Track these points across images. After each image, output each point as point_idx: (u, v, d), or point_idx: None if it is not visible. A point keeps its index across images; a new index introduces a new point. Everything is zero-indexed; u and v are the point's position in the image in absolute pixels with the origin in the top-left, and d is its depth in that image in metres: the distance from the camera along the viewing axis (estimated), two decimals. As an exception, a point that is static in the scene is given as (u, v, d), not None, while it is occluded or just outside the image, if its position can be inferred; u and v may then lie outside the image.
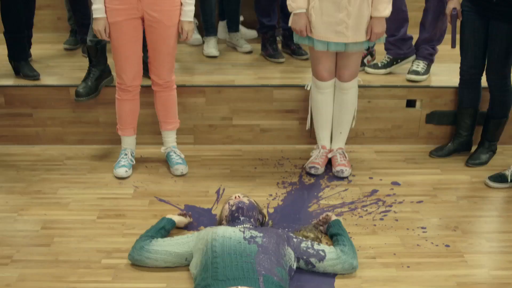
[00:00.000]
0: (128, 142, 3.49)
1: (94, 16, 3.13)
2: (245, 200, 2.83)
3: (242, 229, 2.58)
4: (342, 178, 3.46)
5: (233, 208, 2.78)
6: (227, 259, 2.40)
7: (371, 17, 3.12)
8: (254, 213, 2.79)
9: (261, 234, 2.56)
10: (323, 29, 3.12)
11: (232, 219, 2.74)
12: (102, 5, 3.10)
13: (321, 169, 3.50)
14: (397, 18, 3.73)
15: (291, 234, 2.70)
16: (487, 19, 3.25)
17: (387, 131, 3.82)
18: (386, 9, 3.10)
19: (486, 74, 3.42)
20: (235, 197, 2.86)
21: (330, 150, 3.54)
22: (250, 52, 4.28)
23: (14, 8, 3.60)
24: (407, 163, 3.65)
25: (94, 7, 3.11)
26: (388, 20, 3.26)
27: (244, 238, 2.51)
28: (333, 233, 2.84)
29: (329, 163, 3.55)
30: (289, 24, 3.22)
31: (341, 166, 3.48)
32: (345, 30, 3.10)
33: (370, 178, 3.47)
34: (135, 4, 3.09)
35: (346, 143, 3.57)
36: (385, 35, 3.28)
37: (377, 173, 3.52)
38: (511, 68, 3.35)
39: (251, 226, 2.66)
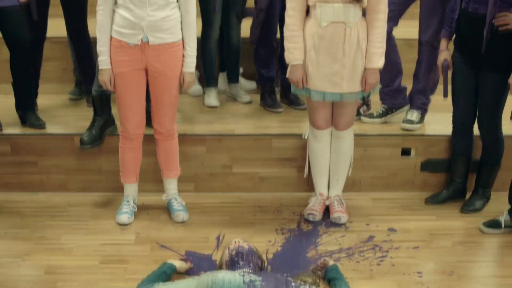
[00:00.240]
0: (130, 189, 3.57)
1: (100, 67, 3.26)
2: (245, 245, 2.89)
3: (242, 274, 2.64)
4: (340, 225, 3.53)
5: (233, 253, 2.84)
6: (227, 302, 2.46)
7: (365, 69, 3.24)
8: (254, 258, 2.85)
9: (260, 278, 2.61)
10: (319, 80, 3.24)
11: (232, 264, 2.80)
12: (107, 57, 3.23)
13: (319, 216, 3.57)
14: (392, 70, 3.87)
15: (290, 279, 2.76)
16: (477, 69, 3.38)
17: (383, 178, 3.91)
18: (379, 61, 3.23)
19: (478, 122, 3.53)
20: (235, 243, 2.92)
21: (328, 198, 3.62)
22: (249, 103, 4.40)
23: (23, 60, 3.75)
24: (403, 210, 3.72)
25: (100, 58, 3.24)
26: (383, 71, 3.40)
27: (244, 282, 2.57)
28: (330, 277, 2.90)
29: (327, 210, 3.63)
30: (287, 76, 3.35)
31: (339, 213, 3.55)
32: (341, 81, 3.23)
33: (367, 224, 3.54)
34: (139, 56, 3.22)
35: (343, 191, 3.66)
36: (379, 86, 3.40)
37: (374, 219, 3.59)
38: (502, 117, 3.47)
39: (250, 271, 2.72)
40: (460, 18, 3.36)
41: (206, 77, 4.41)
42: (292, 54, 3.25)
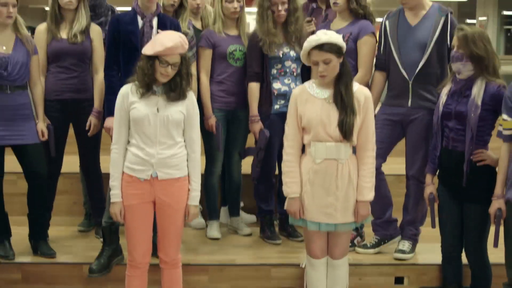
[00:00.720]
0: (135, 318, 3.67)
1: (112, 200, 3.47)
2: None
3: None
4: None
5: None
6: None
7: (356, 201, 3.49)
8: None
9: None
10: (315, 211, 3.47)
11: None
12: (119, 191, 3.45)
13: None
14: (382, 203, 4.12)
15: None
16: (461, 201, 3.62)
17: (379, 307, 4.04)
18: (369, 194, 3.47)
19: (465, 251, 3.70)
20: None
21: (325, 325, 3.73)
22: (249, 235, 4.59)
23: (39, 193, 4.02)
24: (399, 338, 3.83)
25: (112, 192, 3.46)
26: (374, 204, 3.64)
27: None
28: None
29: (325, 337, 3.72)
30: (285, 208, 3.59)
31: None
32: (334, 212, 3.44)
33: None
34: (148, 190, 3.44)
35: (340, 318, 3.77)
36: (371, 217, 3.64)
37: None
38: (487, 244, 3.65)
39: None
40: (442, 155, 3.68)
41: (209, 211, 4.63)
42: (290, 187, 3.51)
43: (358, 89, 3.46)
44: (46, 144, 4.08)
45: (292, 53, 4.33)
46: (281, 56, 4.29)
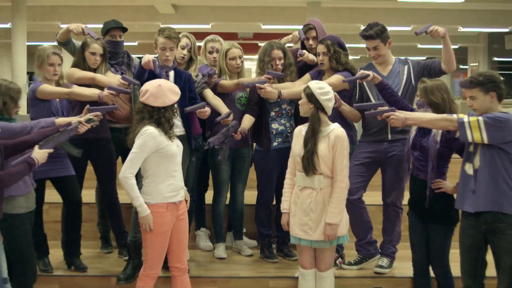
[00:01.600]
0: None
1: (143, 214, 3.86)
2: None
3: None
4: None
5: None
6: None
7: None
8: None
9: None
10: (296, 228, 4.11)
11: None
12: (145, 205, 3.86)
13: None
14: (364, 226, 4.84)
15: None
16: (426, 222, 4.28)
17: (360, 316, 4.69)
18: (334, 218, 3.96)
19: (431, 265, 4.35)
20: None
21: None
22: (251, 255, 5.27)
23: (76, 216, 4.77)
24: None
25: (141, 208, 3.84)
26: (358, 228, 4.34)
27: None
28: None
29: None
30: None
31: None
32: (310, 231, 4.04)
33: None
34: (176, 212, 3.97)
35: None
36: (344, 240, 4.14)
37: None
38: (449, 259, 4.28)
39: None
40: (411, 181, 4.38)
41: (216, 235, 5.30)
42: (282, 204, 4.22)
43: (334, 130, 4.05)
44: (78, 175, 4.81)
45: (287, 97, 5.06)
46: (279, 100, 5.01)
